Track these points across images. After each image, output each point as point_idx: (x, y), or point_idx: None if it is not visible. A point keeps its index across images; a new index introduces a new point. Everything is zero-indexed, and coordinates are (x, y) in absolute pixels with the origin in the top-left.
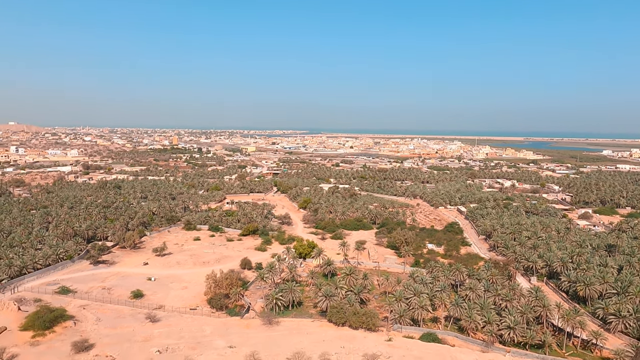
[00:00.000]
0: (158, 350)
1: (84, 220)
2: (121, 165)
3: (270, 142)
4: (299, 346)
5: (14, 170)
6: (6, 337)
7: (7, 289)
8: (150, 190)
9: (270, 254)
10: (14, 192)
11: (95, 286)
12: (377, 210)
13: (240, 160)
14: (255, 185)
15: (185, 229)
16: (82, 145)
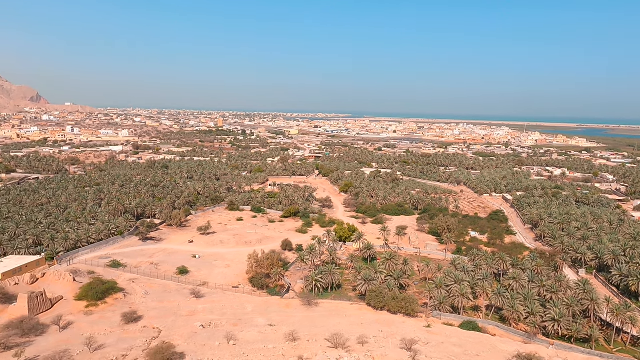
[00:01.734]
0: (202, 325)
1: (134, 198)
2: (169, 146)
3: (313, 126)
4: (338, 328)
5: (70, 149)
6: (62, 306)
7: (64, 261)
8: (195, 171)
9: (310, 237)
10: (70, 170)
11: (144, 261)
12: (419, 195)
13: (283, 142)
14: (297, 168)
15: (228, 209)
16: (132, 126)
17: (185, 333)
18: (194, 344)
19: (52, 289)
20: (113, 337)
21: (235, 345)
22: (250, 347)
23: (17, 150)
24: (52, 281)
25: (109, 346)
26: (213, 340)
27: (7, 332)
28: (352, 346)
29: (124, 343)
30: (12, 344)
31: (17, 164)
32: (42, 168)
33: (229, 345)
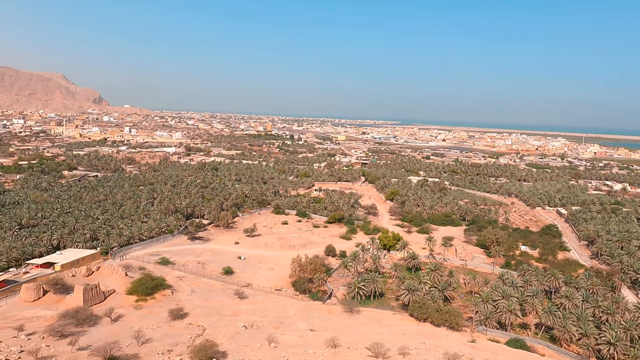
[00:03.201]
0: (244, 325)
1: (184, 198)
2: (219, 149)
3: (360, 132)
4: (379, 337)
5: (127, 149)
6: (114, 299)
7: (117, 256)
8: (244, 174)
9: (354, 243)
10: (126, 169)
11: (191, 260)
12: (468, 206)
13: (330, 148)
14: (344, 174)
15: (274, 212)
16: (185, 129)
17: (228, 332)
18: (236, 344)
19: (106, 282)
20: (160, 332)
21: (276, 348)
22: (290, 351)
23: (79, 149)
24: (106, 275)
25: (156, 340)
26: (255, 341)
27: (63, 321)
28: (393, 357)
29: (169, 338)
30: (67, 333)
31: (78, 162)
32: (101, 166)
33: (269, 347)
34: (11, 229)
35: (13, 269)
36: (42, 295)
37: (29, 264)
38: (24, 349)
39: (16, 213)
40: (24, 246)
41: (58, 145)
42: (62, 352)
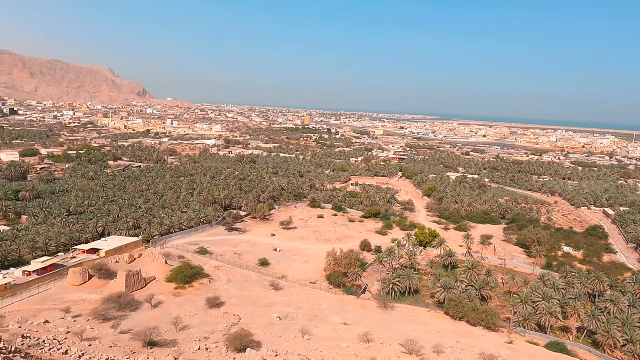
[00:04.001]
0: (279, 316)
1: (223, 190)
2: (257, 142)
3: (398, 127)
4: (413, 334)
5: (169, 141)
6: (154, 286)
7: (158, 244)
8: (281, 167)
9: (390, 239)
10: (168, 160)
11: (228, 250)
12: (508, 204)
13: (367, 143)
14: (381, 169)
15: (310, 206)
16: (225, 121)
17: (262, 323)
18: (270, 334)
19: (147, 269)
20: (197, 319)
21: (310, 340)
22: (324, 344)
23: (124, 140)
24: (147, 262)
25: (193, 327)
26: (289, 332)
27: (107, 305)
28: (427, 354)
29: (206, 326)
30: (110, 316)
31: (123, 152)
32: (144, 157)
33: (303, 339)
34: (60, 216)
35: (61, 253)
36: (87, 279)
37: (76, 249)
38: (70, 330)
39: (65, 200)
40: (72, 232)
41: (104, 137)
42: (106, 335)
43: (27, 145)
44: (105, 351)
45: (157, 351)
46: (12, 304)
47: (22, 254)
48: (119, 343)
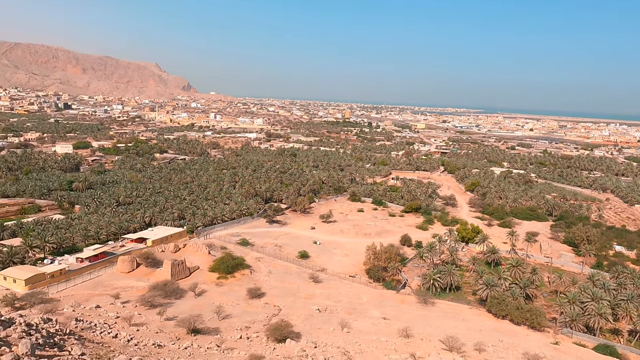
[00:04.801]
0: (318, 308)
1: (264, 182)
2: (298, 135)
3: (440, 120)
4: (453, 331)
5: (212, 134)
6: (198, 275)
7: (201, 235)
8: (321, 160)
9: (431, 234)
10: (211, 153)
11: (269, 242)
12: (556, 201)
13: (408, 136)
14: (422, 163)
15: (350, 199)
16: (266, 115)
17: (302, 314)
18: (309, 326)
19: (191, 259)
20: (238, 309)
21: (349, 334)
22: (362, 337)
23: (169, 133)
24: (191, 252)
25: (235, 317)
26: (328, 325)
27: (153, 292)
28: (468, 352)
29: (247, 316)
30: (156, 303)
31: (168, 145)
32: (188, 150)
33: (342, 332)
34: (110, 206)
35: (111, 242)
36: (135, 267)
37: (124, 238)
38: (119, 315)
39: (114, 191)
40: (121, 222)
41: (151, 130)
42: (152, 321)
43: (79, 138)
44: (151, 336)
45: (200, 338)
46: (66, 289)
47: (75, 241)
48: (165, 329)
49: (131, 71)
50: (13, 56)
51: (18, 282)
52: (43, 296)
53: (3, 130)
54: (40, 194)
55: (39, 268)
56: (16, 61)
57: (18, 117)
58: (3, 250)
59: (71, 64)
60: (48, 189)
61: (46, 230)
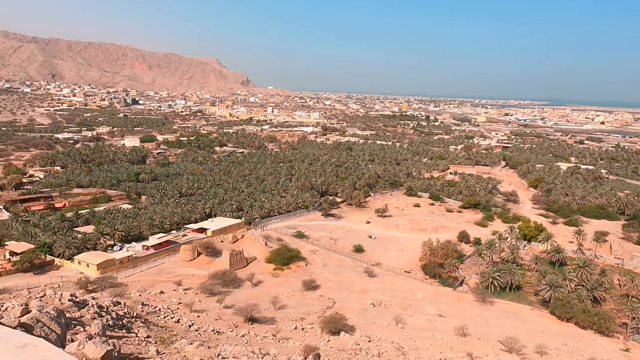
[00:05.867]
0: (372, 303)
1: (320, 176)
2: (354, 129)
3: (502, 113)
4: (513, 331)
5: (269, 128)
6: (255, 265)
7: (259, 227)
8: (377, 154)
9: (490, 231)
10: (268, 147)
11: (324, 235)
12: (629, 199)
13: (467, 130)
14: (482, 158)
15: (406, 194)
16: (323, 109)
17: (356, 308)
18: (363, 320)
19: (248, 249)
20: (294, 300)
21: (403, 329)
22: (417, 334)
23: (229, 127)
24: (248, 243)
25: (290, 307)
26: (382, 319)
27: (213, 281)
28: (529, 354)
29: (302, 307)
30: (215, 291)
31: (228, 139)
32: (246, 144)
33: (397, 327)
34: (173, 197)
35: (174, 231)
36: (196, 256)
37: (186, 228)
38: (181, 301)
39: (177, 183)
40: (183, 212)
41: (212, 124)
42: (211, 308)
43: (146, 132)
44: (211, 323)
45: (256, 327)
46: (133, 274)
47: (141, 230)
48: (223, 316)
49: (193, 67)
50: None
51: (91, 267)
52: (113, 280)
53: (78, 125)
54: (111, 184)
55: (109, 254)
56: (89, 59)
57: (91, 112)
58: (78, 237)
59: (138, 62)
60: (117, 180)
61: (115, 219)
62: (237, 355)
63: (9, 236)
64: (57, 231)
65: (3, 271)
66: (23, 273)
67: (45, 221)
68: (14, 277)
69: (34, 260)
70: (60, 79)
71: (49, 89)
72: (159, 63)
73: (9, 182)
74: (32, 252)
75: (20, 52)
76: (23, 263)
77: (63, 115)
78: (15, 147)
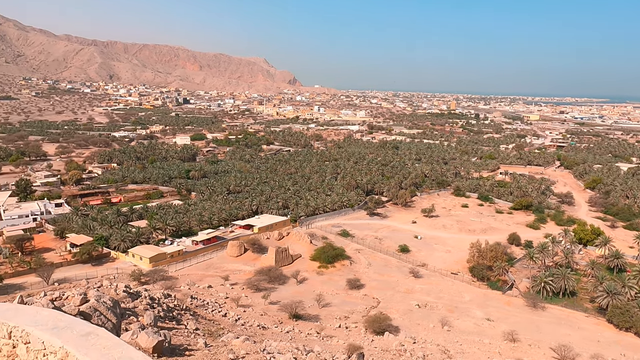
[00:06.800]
0: (417, 304)
1: (365, 175)
2: (400, 127)
3: (557, 111)
4: (566, 339)
5: (315, 127)
6: (300, 263)
7: (304, 225)
8: (424, 153)
9: (542, 234)
10: (314, 145)
11: (369, 235)
12: None
13: (519, 129)
14: (534, 157)
15: (454, 194)
16: (369, 107)
17: (401, 309)
18: (408, 321)
19: (293, 247)
20: (338, 298)
21: (449, 332)
22: (464, 337)
23: (276, 125)
24: (294, 240)
25: (334, 306)
26: (427, 321)
27: (258, 277)
28: None
29: (346, 306)
30: (261, 287)
31: (274, 137)
32: (292, 142)
33: (442, 329)
34: (222, 194)
35: (222, 227)
36: (243, 252)
37: (234, 224)
38: (228, 296)
39: (226, 180)
40: (231, 209)
41: (259, 122)
42: (257, 304)
43: (196, 130)
44: (256, 318)
45: (301, 324)
46: (183, 268)
47: (191, 225)
48: (268, 312)
49: (242, 67)
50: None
51: (144, 260)
52: (164, 274)
53: (133, 124)
54: (163, 181)
55: (160, 248)
56: (144, 60)
57: (145, 111)
58: (132, 231)
59: (190, 62)
60: (169, 177)
61: (167, 214)
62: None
63: (69, 229)
64: (113, 225)
65: (64, 262)
66: (82, 264)
67: (102, 215)
68: (73, 268)
69: (92, 252)
70: (117, 79)
71: (106, 90)
72: (209, 63)
73: (70, 178)
74: (91, 245)
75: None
76: (82, 255)
77: (119, 114)
78: (76, 145)
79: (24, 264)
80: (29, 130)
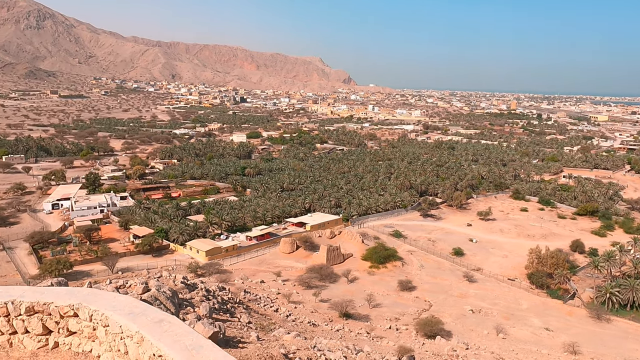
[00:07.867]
0: (471, 309)
1: (419, 175)
2: (457, 128)
3: (628, 112)
4: (634, 354)
5: (369, 126)
6: (351, 262)
7: (356, 224)
8: (481, 154)
9: (609, 241)
10: (368, 144)
11: (422, 236)
12: None
13: (586, 130)
14: (602, 160)
15: (512, 197)
16: (424, 107)
17: (453, 313)
18: (461, 326)
19: (345, 246)
20: (389, 299)
21: (505, 340)
22: (520, 346)
23: (330, 124)
24: (345, 239)
25: (385, 306)
26: (481, 327)
27: (310, 274)
28: None
29: (397, 307)
30: (312, 285)
31: (328, 136)
32: (346, 141)
33: (497, 337)
34: (276, 191)
35: (275, 224)
36: (295, 249)
37: (286, 221)
38: (280, 291)
39: (280, 178)
40: (284, 206)
41: (313, 121)
42: (308, 301)
43: (252, 128)
44: (307, 315)
45: (351, 323)
46: (236, 263)
47: (245, 221)
48: (319, 310)
49: (297, 66)
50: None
51: (200, 253)
52: (219, 267)
53: (192, 121)
54: (219, 177)
55: (216, 242)
56: (204, 60)
57: (204, 109)
58: (190, 225)
59: (247, 62)
60: (225, 174)
61: (223, 210)
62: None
63: (133, 221)
64: (173, 218)
65: (127, 252)
66: (143, 255)
67: (163, 209)
68: (135, 258)
69: (152, 244)
70: (179, 79)
71: (169, 89)
72: (265, 63)
73: (134, 172)
74: (152, 237)
75: (146, 56)
76: (144, 246)
77: (180, 112)
78: (140, 141)
79: (92, 252)
80: (98, 127)
